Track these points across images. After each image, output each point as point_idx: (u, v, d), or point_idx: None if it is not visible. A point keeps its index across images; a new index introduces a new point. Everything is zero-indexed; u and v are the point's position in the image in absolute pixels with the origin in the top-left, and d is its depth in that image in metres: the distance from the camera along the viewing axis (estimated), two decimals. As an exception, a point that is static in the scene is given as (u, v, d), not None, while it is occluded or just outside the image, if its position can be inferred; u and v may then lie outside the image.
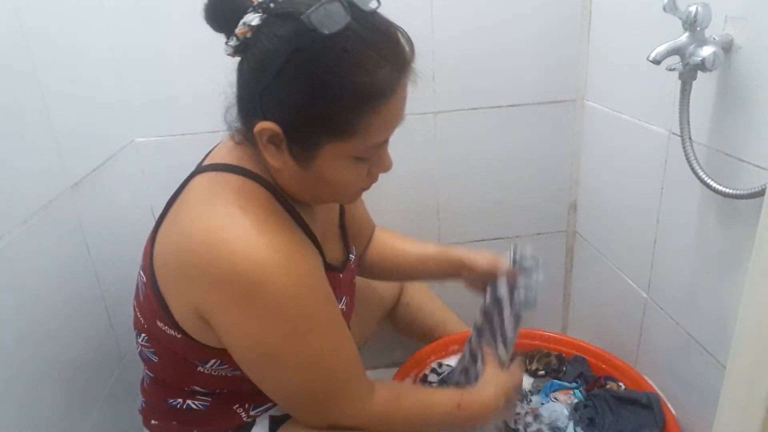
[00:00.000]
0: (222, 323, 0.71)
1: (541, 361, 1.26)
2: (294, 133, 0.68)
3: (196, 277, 0.69)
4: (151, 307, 0.77)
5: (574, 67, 1.31)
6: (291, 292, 0.68)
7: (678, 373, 1.09)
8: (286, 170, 0.72)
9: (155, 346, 0.82)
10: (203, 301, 0.70)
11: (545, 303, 1.57)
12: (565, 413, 1.13)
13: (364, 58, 0.64)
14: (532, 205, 1.44)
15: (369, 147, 0.71)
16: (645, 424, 1.06)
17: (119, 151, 1.16)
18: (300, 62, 0.63)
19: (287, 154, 0.70)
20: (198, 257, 0.68)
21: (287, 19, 0.64)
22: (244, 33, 0.66)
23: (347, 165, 0.71)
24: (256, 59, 0.66)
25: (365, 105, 0.66)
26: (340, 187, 0.75)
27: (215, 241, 0.67)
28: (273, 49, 0.64)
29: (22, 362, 0.77)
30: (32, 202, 0.82)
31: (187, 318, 0.74)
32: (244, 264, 0.66)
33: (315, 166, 0.70)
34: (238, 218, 0.69)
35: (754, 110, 0.81)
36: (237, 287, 0.67)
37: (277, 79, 0.64)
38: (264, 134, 0.68)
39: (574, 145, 1.38)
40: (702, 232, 0.96)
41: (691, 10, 0.79)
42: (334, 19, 0.62)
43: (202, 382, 0.82)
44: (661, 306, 1.12)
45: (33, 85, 0.85)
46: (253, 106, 0.69)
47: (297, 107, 0.66)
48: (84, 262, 0.96)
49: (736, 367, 0.67)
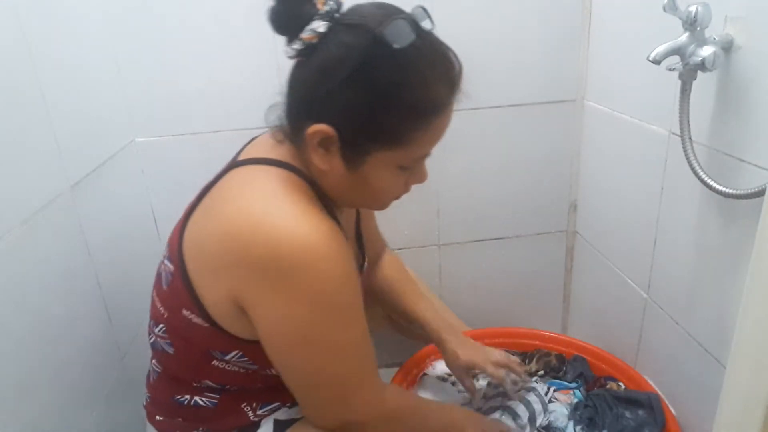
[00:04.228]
0: (260, 307, 0.71)
1: (541, 361, 1.26)
2: (349, 137, 0.71)
3: (238, 261, 0.70)
4: (178, 296, 0.77)
5: (574, 67, 1.31)
6: (333, 279, 0.70)
7: (678, 373, 1.09)
8: (331, 173, 0.74)
9: (173, 337, 0.82)
10: (244, 285, 0.71)
11: (545, 303, 1.58)
12: (564, 413, 1.13)
13: (427, 74, 0.69)
14: (532, 205, 1.44)
15: (415, 158, 0.75)
16: (645, 424, 1.06)
17: (119, 151, 1.16)
18: (368, 72, 0.67)
19: (338, 157, 0.72)
20: (241, 241, 0.69)
21: (357, 29, 0.68)
22: (311, 38, 0.68)
23: (392, 173, 0.75)
24: (321, 64, 0.69)
25: (420, 118, 0.70)
26: (380, 194, 0.78)
27: (259, 225, 0.68)
28: (341, 56, 0.67)
29: (22, 362, 0.77)
30: (32, 202, 0.82)
31: (220, 307, 0.74)
32: (288, 247, 0.67)
33: (362, 170, 0.73)
34: (281, 203, 0.70)
35: (754, 110, 0.81)
36: (280, 270, 0.68)
37: (343, 85, 0.67)
38: (317, 136, 0.70)
39: (574, 145, 1.38)
40: (702, 232, 0.96)
41: (691, 10, 0.79)
42: (404, 35, 0.66)
43: (215, 376, 0.83)
44: (661, 306, 1.12)
45: (33, 85, 0.85)
46: (308, 109, 0.71)
47: (357, 114, 0.69)
48: (84, 262, 0.96)
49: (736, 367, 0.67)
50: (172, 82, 1.20)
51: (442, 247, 1.45)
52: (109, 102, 1.14)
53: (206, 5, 1.15)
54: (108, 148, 1.11)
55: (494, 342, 1.31)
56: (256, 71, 1.21)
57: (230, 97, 1.22)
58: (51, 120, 0.89)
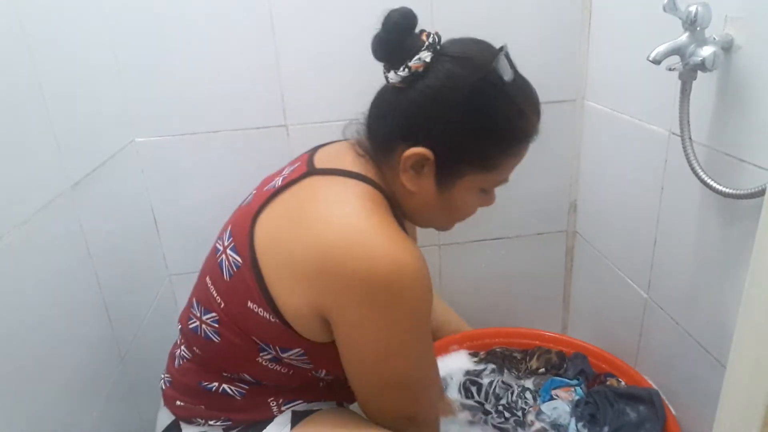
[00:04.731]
0: (350, 320, 0.74)
1: (542, 358, 1.26)
2: (446, 161, 0.76)
3: (330, 276, 0.71)
4: (245, 288, 0.78)
5: (574, 67, 1.31)
6: (424, 297, 0.74)
7: (678, 372, 1.09)
8: (419, 194, 0.79)
9: (225, 327, 0.82)
10: (333, 299, 0.73)
11: (545, 303, 1.58)
12: (567, 410, 1.13)
13: (524, 106, 0.77)
14: (532, 205, 1.44)
15: (497, 182, 0.82)
16: (646, 419, 1.06)
17: (119, 151, 1.16)
18: (477, 102, 0.73)
19: (431, 179, 0.77)
20: (335, 257, 0.71)
21: (465, 62, 0.74)
22: (418, 67, 0.73)
23: (474, 195, 0.81)
24: (427, 92, 0.73)
25: (513, 146, 0.78)
26: (456, 214, 0.85)
27: (355, 242, 0.71)
28: (451, 86, 0.73)
29: (22, 362, 0.77)
30: (32, 202, 0.82)
31: (296, 311, 0.76)
32: (385, 266, 0.70)
33: (450, 193, 0.79)
34: (374, 222, 0.73)
35: (754, 110, 0.81)
36: (374, 287, 0.70)
37: (450, 112, 0.73)
38: (412, 158, 0.75)
39: (574, 145, 1.38)
40: (702, 232, 0.96)
41: (691, 10, 0.79)
42: (509, 70, 0.74)
43: (256, 372, 0.83)
44: (661, 306, 1.12)
45: (33, 85, 0.85)
46: (406, 133, 0.76)
47: (461, 139, 0.75)
48: (84, 262, 0.96)
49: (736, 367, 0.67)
50: (172, 82, 1.20)
51: (442, 247, 1.45)
52: (109, 102, 1.14)
53: (206, 5, 1.15)
54: (108, 148, 1.11)
55: (494, 342, 1.31)
56: (256, 71, 1.21)
57: (230, 97, 1.22)
58: (51, 120, 0.89)
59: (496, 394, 1.19)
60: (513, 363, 1.27)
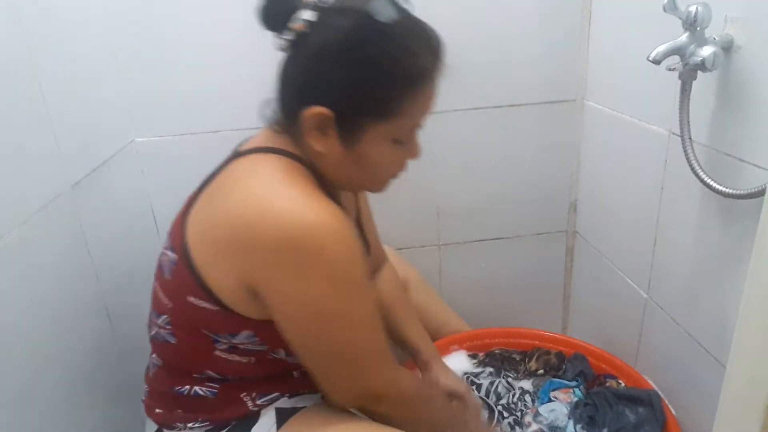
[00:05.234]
0: (275, 288, 0.73)
1: (541, 360, 1.26)
2: (344, 115, 0.74)
3: (249, 246, 0.72)
4: (183, 283, 0.78)
5: (574, 67, 1.31)
6: (344, 256, 0.72)
7: (678, 373, 1.09)
8: (329, 154, 0.77)
9: (177, 326, 0.82)
10: (256, 269, 0.73)
11: (545, 303, 1.58)
12: (564, 412, 1.13)
13: (412, 44, 0.73)
14: (532, 205, 1.44)
15: (408, 129, 0.78)
16: (645, 421, 1.06)
17: (119, 151, 1.16)
18: (358, 48, 0.71)
19: (335, 137, 0.75)
20: (251, 227, 0.71)
21: (346, 12, 0.72)
22: (300, 27, 0.72)
23: (387, 147, 0.78)
24: (313, 49, 0.72)
25: (409, 87, 0.74)
26: (377, 171, 0.81)
27: (267, 209, 0.70)
28: (332, 39, 0.71)
29: (22, 362, 0.77)
30: (32, 202, 0.82)
31: (230, 291, 0.76)
32: (299, 229, 0.69)
33: (359, 147, 0.76)
34: (286, 188, 0.73)
35: (754, 110, 0.81)
36: (292, 251, 0.70)
37: (335, 65, 0.71)
38: (314, 119, 0.73)
39: (574, 145, 1.38)
40: (702, 232, 0.96)
41: (691, 10, 0.79)
42: (387, 10, 0.71)
43: (217, 366, 0.83)
44: (661, 306, 1.12)
45: (33, 86, 0.85)
46: (302, 95, 0.74)
47: (351, 90, 0.72)
48: (84, 262, 0.96)
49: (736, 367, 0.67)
50: (172, 82, 1.20)
51: (442, 247, 1.45)
52: (109, 102, 1.14)
53: (206, 5, 1.15)
54: (108, 148, 1.11)
55: (495, 342, 1.31)
56: (256, 71, 1.20)
57: (230, 96, 1.22)
58: (51, 120, 0.89)
59: (498, 392, 1.19)
60: (512, 364, 1.27)
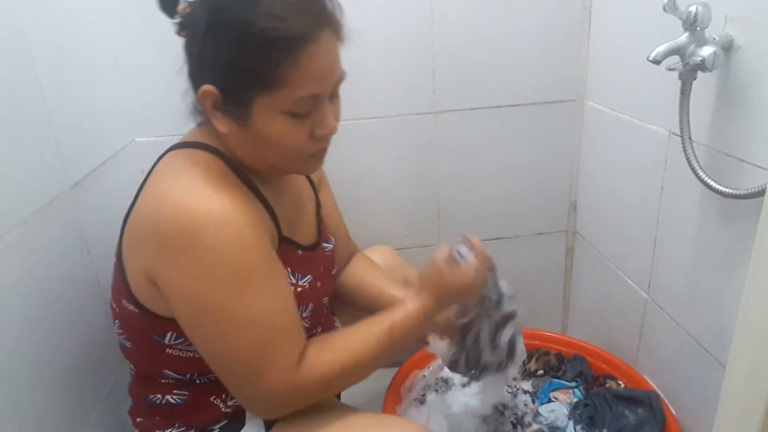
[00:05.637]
0: (165, 280, 0.73)
1: (540, 360, 1.26)
2: (227, 91, 0.72)
3: (147, 238, 0.73)
4: (117, 285, 0.80)
5: (574, 67, 1.31)
6: (226, 246, 0.70)
7: (678, 373, 1.09)
8: (232, 135, 0.76)
9: (126, 330, 0.83)
10: (151, 261, 0.73)
11: (545, 303, 1.58)
12: (564, 412, 1.13)
13: (274, 7, 0.69)
14: (532, 205, 1.44)
15: (297, 100, 0.72)
16: (645, 422, 1.06)
17: (119, 151, 1.16)
18: (219, 19, 0.70)
19: (228, 115, 0.74)
20: (148, 217, 0.73)
21: None
22: (184, 9, 0.73)
23: (282, 121, 0.73)
24: (193, 29, 0.72)
25: (280, 52, 0.69)
26: (281, 147, 0.75)
27: (163, 200, 0.72)
28: (199, 14, 0.71)
29: (22, 362, 0.77)
30: (32, 202, 0.82)
31: (140, 286, 0.76)
32: (183, 217, 0.69)
33: (252, 124, 0.73)
34: (185, 179, 0.73)
35: (754, 110, 0.81)
36: (177, 240, 0.70)
37: (205, 40, 0.71)
38: (207, 99, 0.73)
39: (574, 145, 1.38)
40: (702, 232, 0.96)
41: (691, 10, 0.79)
42: None
43: (173, 365, 0.82)
44: (661, 306, 1.12)
45: (33, 85, 0.85)
46: (194, 76, 0.75)
47: (222, 63, 0.71)
48: (84, 262, 0.96)
49: (736, 367, 0.67)
50: (172, 82, 1.20)
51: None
52: (109, 102, 1.14)
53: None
54: (108, 148, 1.11)
55: (494, 342, 1.31)
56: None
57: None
58: (51, 120, 0.89)
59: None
60: (512, 364, 1.27)
